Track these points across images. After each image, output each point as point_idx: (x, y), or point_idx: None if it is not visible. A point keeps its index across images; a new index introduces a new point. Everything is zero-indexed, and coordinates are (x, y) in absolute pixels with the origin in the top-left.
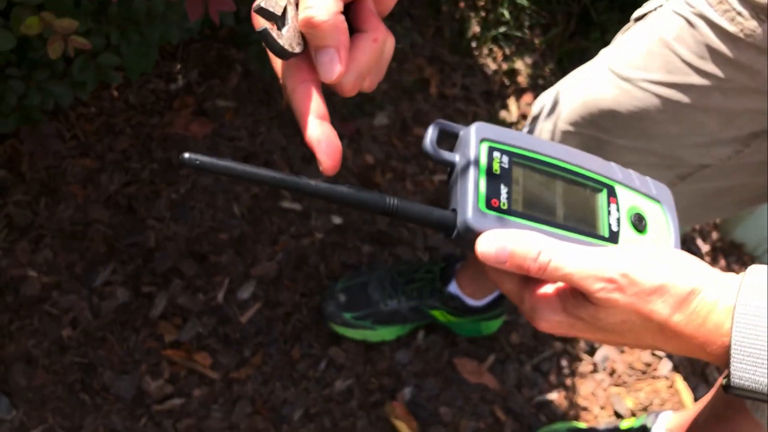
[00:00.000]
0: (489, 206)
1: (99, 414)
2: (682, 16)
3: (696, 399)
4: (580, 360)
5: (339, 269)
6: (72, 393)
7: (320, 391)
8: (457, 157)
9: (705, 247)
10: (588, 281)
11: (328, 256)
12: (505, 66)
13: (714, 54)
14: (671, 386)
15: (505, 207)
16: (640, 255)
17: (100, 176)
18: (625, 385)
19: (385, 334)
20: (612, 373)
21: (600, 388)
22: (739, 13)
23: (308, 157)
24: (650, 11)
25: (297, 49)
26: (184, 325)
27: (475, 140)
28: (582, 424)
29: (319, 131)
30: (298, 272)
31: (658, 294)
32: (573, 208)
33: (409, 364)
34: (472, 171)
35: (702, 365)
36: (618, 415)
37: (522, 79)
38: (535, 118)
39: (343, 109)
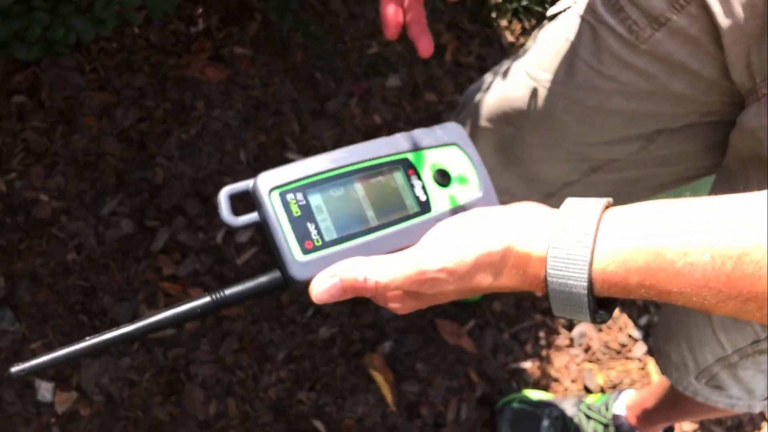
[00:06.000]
0: (305, 251)
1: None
2: (586, 21)
3: None
4: (558, 334)
5: None
6: (72, 313)
7: (305, 335)
8: (257, 216)
9: None
10: (414, 286)
11: None
12: (522, 39)
13: (614, 59)
14: (643, 368)
15: (320, 243)
16: (448, 241)
17: (115, 110)
18: (598, 362)
19: None
20: (587, 349)
21: (573, 362)
22: (635, 22)
23: (317, 112)
24: (561, 11)
25: None
26: (183, 261)
27: (265, 194)
28: (534, 395)
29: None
30: None
31: (476, 269)
32: (380, 203)
33: (392, 320)
34: (275, 225)
35: None
36: (587, 390)
37: None
38: (462, 108)
39: (356, 68)
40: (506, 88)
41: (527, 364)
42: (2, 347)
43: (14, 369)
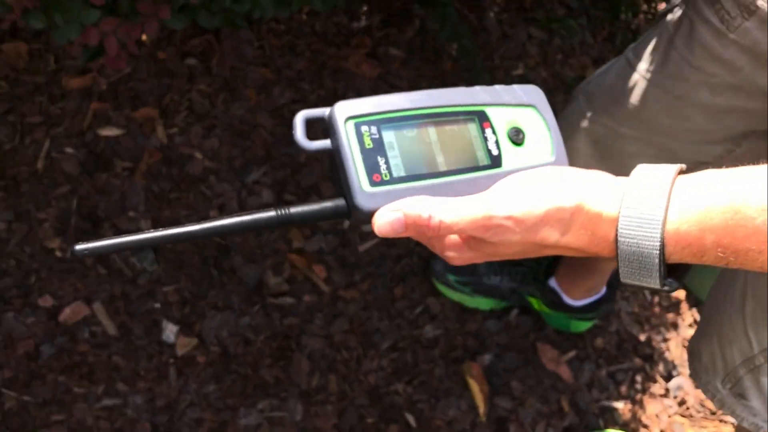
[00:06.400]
0: (373, 183)
1: (222, 290)
2: (686, 14)
3: None
4: (655, 382)
5: None
6: (205, 265)
7: (411, 330)
8: (329, 143)
9: None
10: (479, 231)
11: None
12: None
13: (703, 49)
14: None
15: (388, 177)
16: (519, 191)
17: (273, 88)
18: (690, 419)
19: (481, 303)
20: (682, 403)
21: (666, 413)
22: (728, 11)
23: None
24: (670, 9)
25: None
26: (312, 237)
27: (341, 122)
28: None
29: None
30: None
31: (544, 222)
32: (451, 150)
33: (496, 334)
34: (347, 154)
35: None
36: None
37: None
38: (572, 99)
39: None
40: (608, 77)
41: (619, 405)
42: (139, 285)
43: (78, 247)
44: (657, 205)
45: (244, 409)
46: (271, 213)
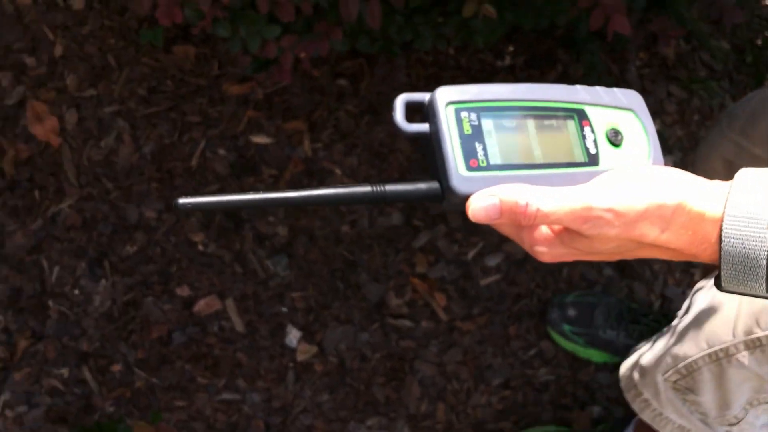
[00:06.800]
0: (469, 167)
1: (345, 303)
2: None
3: None
4: None
5: (577, 278)
6: (333, 277)
7: (523, 370)
8: (428, 127)
9: None
10: (577, 222)
11: (573, 263)
12: None
13: None
14: None
15: (485, 164)
16: (620, 185)
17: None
18: None
19: (593, 355)
20: None
21: None
22: None
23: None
24: None
25: None
26: (435, 264)
27: (441, 106)
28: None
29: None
30: (543, 264)
31: (644, 218)
32: (548, 144)
33: (607, 387)
34: (445, 137)
35: None
36: None
37: None
38: (716, 124)
39: None
40: (752, 102)
41: None
42: (270, 287)
43: (181, 201)
44: (764, 205)
45: (353, 423)
46: (367, 188)
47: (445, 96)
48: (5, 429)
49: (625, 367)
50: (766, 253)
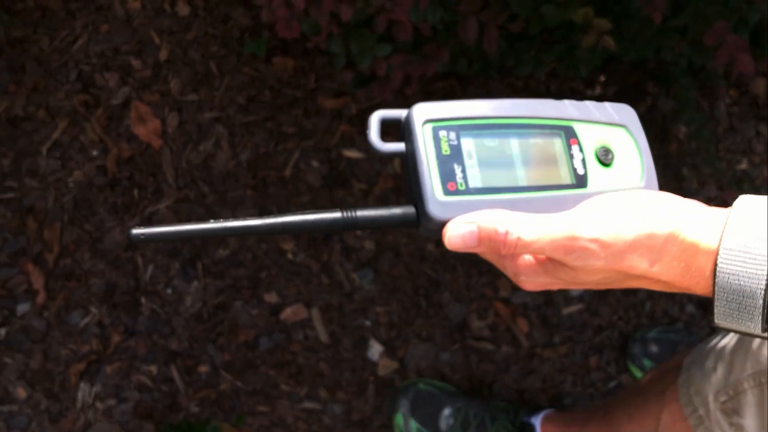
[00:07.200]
0: (447, 191)
1: (428, 321)
2: None
3: None
4: None
5: (659, 313)
6: (416, 295)
7: (602, 402)
8: (403, 146)
9: None
10: (560, 252)
11: (656, 298)
12: None
13: None
14: None
15: (463, 187)
16: (607, 212)
17: None
18: None
19: None
20: None
21: None
22: None
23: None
24: None
25: None
26: (518, 290)
27: (418, 124)
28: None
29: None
30: (626, 297)
31: (633, 249)
32: (533, 164)
33: None
34: (421, 158)
35: None
36: None
37: None
38: None
39: (722, 178)
40: None
41: None
42: (355, 300)
43: (135, 231)
44: (763, 238)
45: None
46: (336, 214)
47: (422, 113)
48: (95, 420)
49: (685, 381)
50: (763, 291)
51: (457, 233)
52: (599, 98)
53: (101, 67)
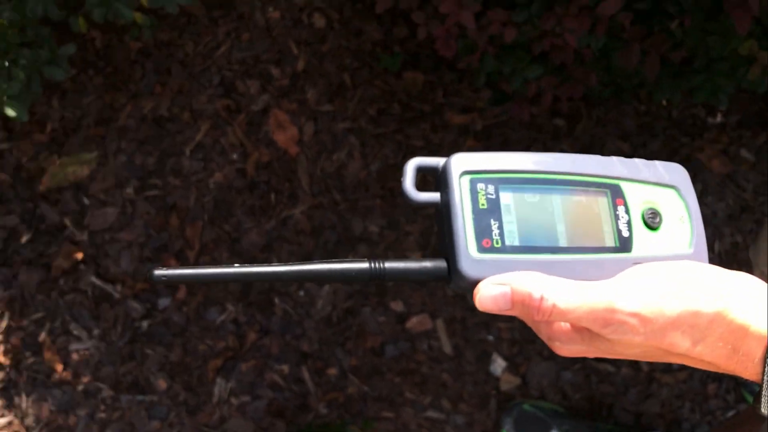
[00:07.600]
0: (481, 248)
1: None
2: None
3: None
4: None
5: None
6: None
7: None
8: (439, 197)
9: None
10: (597, 324)
11: None
12: None
13: None
14: None
15: (499, 245)
16: (650, 283)
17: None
18: None
19: None
20: None
21: None
22: None
23: None
24: None
25: None
26: None
27: (455, 175)
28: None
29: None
30: None
31: (675, 327)
32: (575, 224)
33: None
34: (457, 211)
35: None
36: None
37: None
38: None
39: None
40: None
41: None
42: (478, 314)
43: (156, 272)
44: None
45: None
46: (364, 264)
47: (461, 164)
48: (229, 416)
49: None
50: None
51: (489, 294)
52: (721, 126)
53: (242, 74)
